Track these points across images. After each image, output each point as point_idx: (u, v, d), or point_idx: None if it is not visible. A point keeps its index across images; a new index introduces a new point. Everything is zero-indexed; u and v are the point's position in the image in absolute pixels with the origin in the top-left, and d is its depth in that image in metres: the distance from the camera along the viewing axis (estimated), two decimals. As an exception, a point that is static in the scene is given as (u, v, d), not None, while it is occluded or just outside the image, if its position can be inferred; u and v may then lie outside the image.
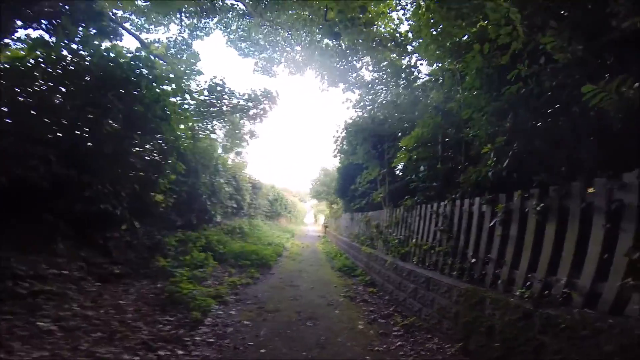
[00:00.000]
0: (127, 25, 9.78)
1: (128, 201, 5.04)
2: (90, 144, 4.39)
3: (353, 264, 8.30)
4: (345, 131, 9.88)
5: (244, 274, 6.51)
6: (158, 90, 5.45)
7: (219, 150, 11.65)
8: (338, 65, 11.21)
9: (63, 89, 4.35)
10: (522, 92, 3.47)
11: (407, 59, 9.83)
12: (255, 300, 4.93)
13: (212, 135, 11.33)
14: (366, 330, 3.99)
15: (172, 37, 10.84)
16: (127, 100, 4.83)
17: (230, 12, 11.29)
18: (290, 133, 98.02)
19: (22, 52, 4.52)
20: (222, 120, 10.74)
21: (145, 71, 5.25)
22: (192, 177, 7.24)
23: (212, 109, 10.09)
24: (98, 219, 4.73)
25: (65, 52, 4.66)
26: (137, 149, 5.17)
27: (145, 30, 10.84)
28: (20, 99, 4.03)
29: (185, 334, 3.41)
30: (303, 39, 11.36)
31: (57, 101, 4.25)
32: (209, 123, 10.84)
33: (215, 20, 11.61)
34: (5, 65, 3.94)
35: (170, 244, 6.20)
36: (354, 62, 11.01)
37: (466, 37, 5.64)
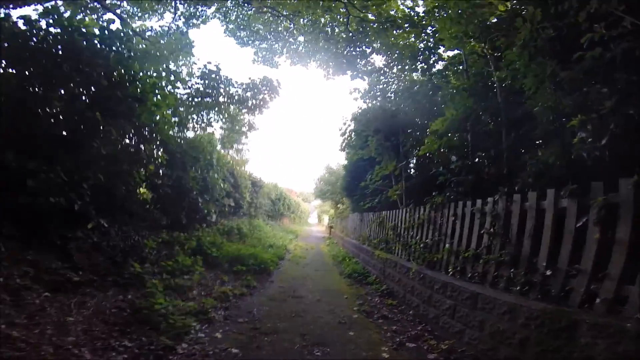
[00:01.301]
0: (117, 12, 8.92)
1: (92, 195, 4.08)
2: (33, 124, 3.43)
3: (364, 269, 7.29)
4: (354, 122, 8.92)
5: (239, 282, 5.54)
6: (134, 67, 4.54)
7: (218, 146, 10.73)
8: (345, 52, 10.26)
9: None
10: (606, 58, 2.59)
11: (423, 44, 8.88)
12: (249, 317, 3.94)
13: (209, 129, 10.41)
14: (394, 360, 3.02)
15: (165, 26, 9.93)
16: (88, 74, 3.88)
17: (229, 0, 10.37)
18: (294, 129, 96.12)
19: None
20: (218, 112, 9.78)
21: (117, 43, 4.34)
22: (179, 169, 6.27)
23: (206, 99, 9.13)
24: (52, 215, 3.78)
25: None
26: (104, 133, 4.21)
27: (137, 18, 9.97)
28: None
29: (145, 371, 2.45)
30: (306, 27, 10.43)
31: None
32: (204, 115, 9.89)
33: (213, 9, 10.72)
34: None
35: (150, 246, 5.22)
36: (363, 47, 10.03)
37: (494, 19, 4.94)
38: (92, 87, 4.02)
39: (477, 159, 5.11)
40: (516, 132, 4.44)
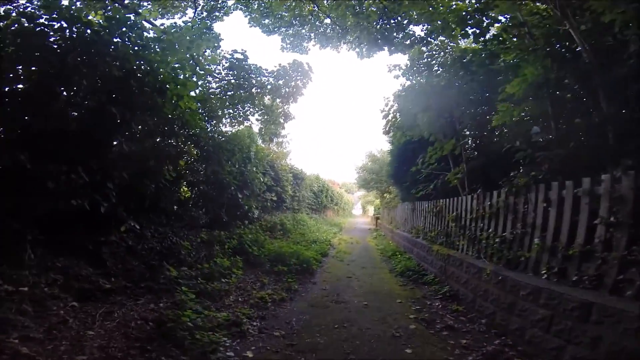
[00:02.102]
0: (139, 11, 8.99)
1: (119, 195, 3.86)
2: (44, 121, 3.20)
3: (419, 266, 6.43)
4: (397, 101, 7.94)
5: (279, 285, 5.08)
6: (150, 57, 4.23)
7: (259, 141, 10.49)
8: (378, 27, 9.23)
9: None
10: None
11: (470, 7, 7.52)
12: (287, 329, 3.41)
13: (246, 123, 10.21)
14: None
15: (188, 21, 9.78)
16: (97, 65, 3.61)
17: (248, -12, 9.91)
18: (331, 117, 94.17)
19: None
20: (252, 103, 9.48)
21: (128, 32, 4.06)
22: (214, 164, 5.97)
23: (239, 92, 8.84)
24: (79, 219, 3.62)
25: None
26: (125, 128, 3.96)
27: (160, 17, 9.98)
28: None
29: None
30: (331, 6, 9.59)
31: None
32: (240, 109, 9.67)
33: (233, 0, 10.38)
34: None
35: (186, 247, 4.98)
36: (399, 19, 8.90)
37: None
38: (105, 80, 3.74)
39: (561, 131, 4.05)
40: (620, 94, 3.41)
